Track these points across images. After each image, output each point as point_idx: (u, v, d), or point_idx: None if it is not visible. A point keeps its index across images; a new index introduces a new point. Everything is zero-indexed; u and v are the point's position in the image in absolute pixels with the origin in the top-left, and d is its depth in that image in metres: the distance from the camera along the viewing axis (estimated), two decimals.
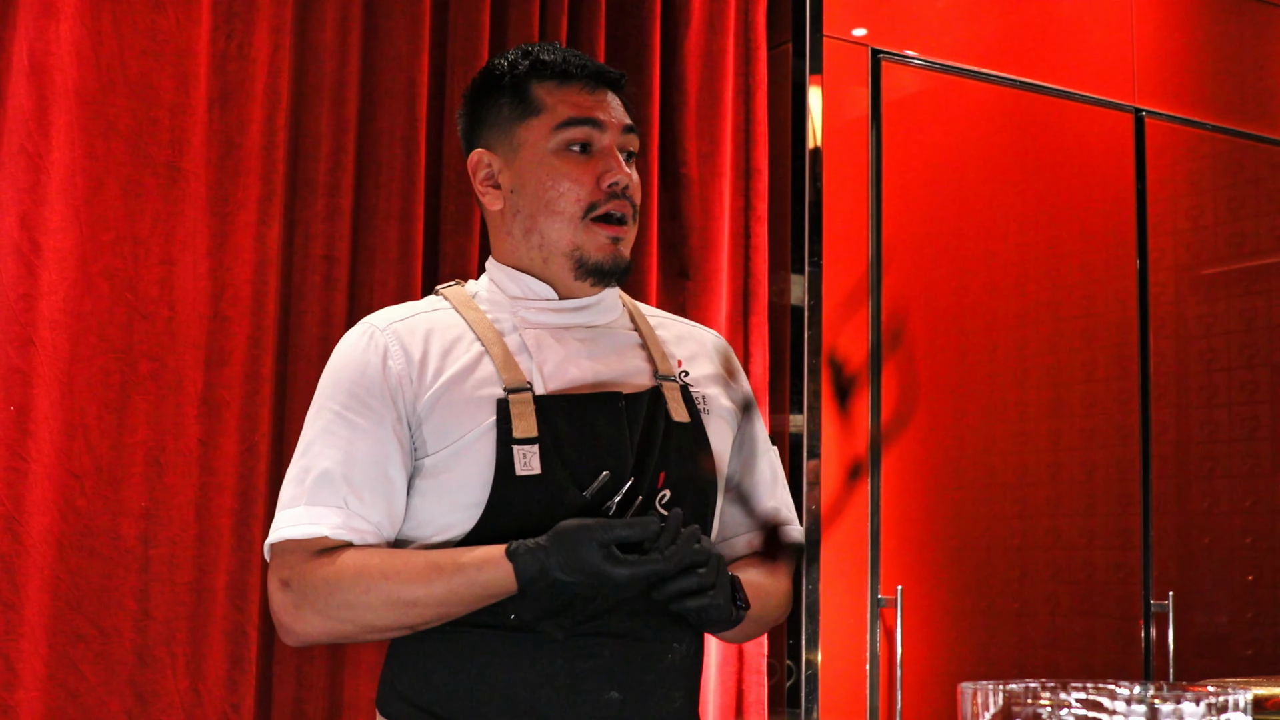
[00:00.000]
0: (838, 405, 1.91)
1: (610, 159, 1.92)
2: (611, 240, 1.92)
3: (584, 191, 1.91)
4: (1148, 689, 1.12)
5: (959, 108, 3.79)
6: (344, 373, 1.88)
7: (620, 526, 1.69)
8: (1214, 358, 4.11)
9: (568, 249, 1.92)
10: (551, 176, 1.91)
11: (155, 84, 2.85)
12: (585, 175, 1.91)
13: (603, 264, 1.92)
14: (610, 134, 1.94)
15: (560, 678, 1.79)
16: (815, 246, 3.46)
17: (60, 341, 2.72)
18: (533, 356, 1.89)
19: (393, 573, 1.75)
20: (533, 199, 1.93)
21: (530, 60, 1.96)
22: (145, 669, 2.74)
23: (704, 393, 2.00)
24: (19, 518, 2.64)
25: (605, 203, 1.91)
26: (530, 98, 1.94)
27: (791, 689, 3.36)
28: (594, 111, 1.93)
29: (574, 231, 1.91)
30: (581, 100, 1.93)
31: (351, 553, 1.78)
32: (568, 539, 1.69)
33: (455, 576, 1.74)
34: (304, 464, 1.84)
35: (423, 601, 1.74)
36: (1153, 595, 3.86)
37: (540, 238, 1.93)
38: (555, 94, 1.94)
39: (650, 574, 1.68)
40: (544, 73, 1.95)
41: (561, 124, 1.92)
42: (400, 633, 1.80)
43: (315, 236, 3.00)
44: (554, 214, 1.91)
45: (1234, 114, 4.23)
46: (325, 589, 1.76)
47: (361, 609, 1.76)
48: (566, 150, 1.92)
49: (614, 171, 1.91)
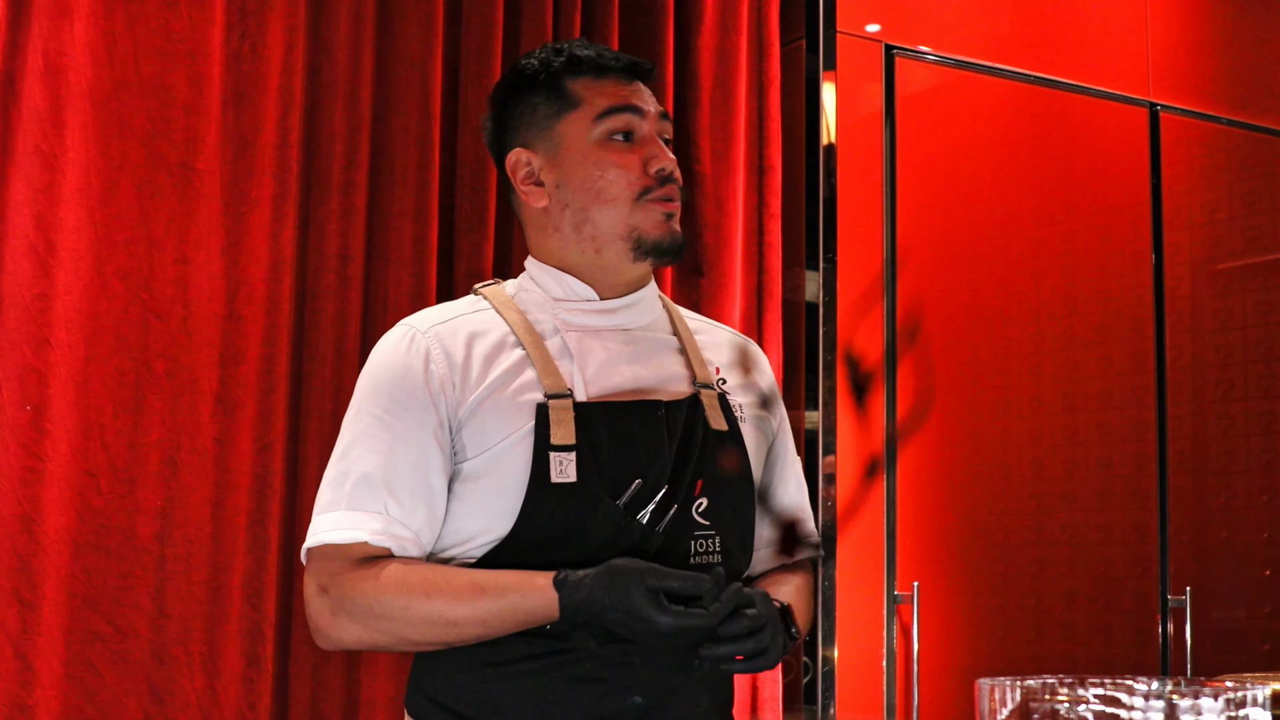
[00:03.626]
0: (854, 402, 1.91)
1: (654, 145, 1.93)
2: (666, 216, 1.92)
3: (634, 176, 1.90)
4: (1166, 684, 1.12)
5: (973, 103, 3.78)
6: (385, 375, 1.86)
7: (672, 576, 1.67)
8: (1230, 352, 4.10)
9: (624, 232, 1.91)
10: (599, 166, 1.91)
11: (169, 84, 2.85)
12: (632, 161, 1.91)
13: (661, 241, 1.92)
14: (650, 122, 1.95)
15: (588, 682, 1.78)
16: (829, 243, 3.46)
17: (75, 341, 2.72)
18: (574, 360, 1.87)
19: (435, 591, 1.74)
20: (582, 190, 1.92)
21: (564, 56, 1.96)
22: (162, 668, 2.74)
23: (740, 401, 1.99)
24: (36, 517, 2.65)
25: (657, 188, 1.91)
26: (567, 92, 1.94)
27: (808, 685, 3.36)
28: (632, 99, 1.94)
29: (629, 214, 1.91)
30: (619, 90, 1.94)
31: (394, 566, 1.76)
32: (617, 578, 1.67)
33: (498, 600, 1.72)
34: (343, 467, 1.82)
35: (464, 622, 1.73)
36: (1170, 590, 3.85)
37: (594, 228, 1.92)
38: (592, 87, 1.94)
39: (694, 627, 1.66)
40: (579, 68, 1.95)
41: (602, 114, 1.92)
42: (436, 647, 1.79)
43: (330, 235, 3.00)
44: (606, 202, 1.91)
45: (1249, 108, 4.21)
46: (365, 601, 1.75)
47: (401, 624, 1.74)
48: (610, 139, 1.92)
49: (659, 158, 1.92)
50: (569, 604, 1.69)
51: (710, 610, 1.66)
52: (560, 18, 3.32)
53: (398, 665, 2.90)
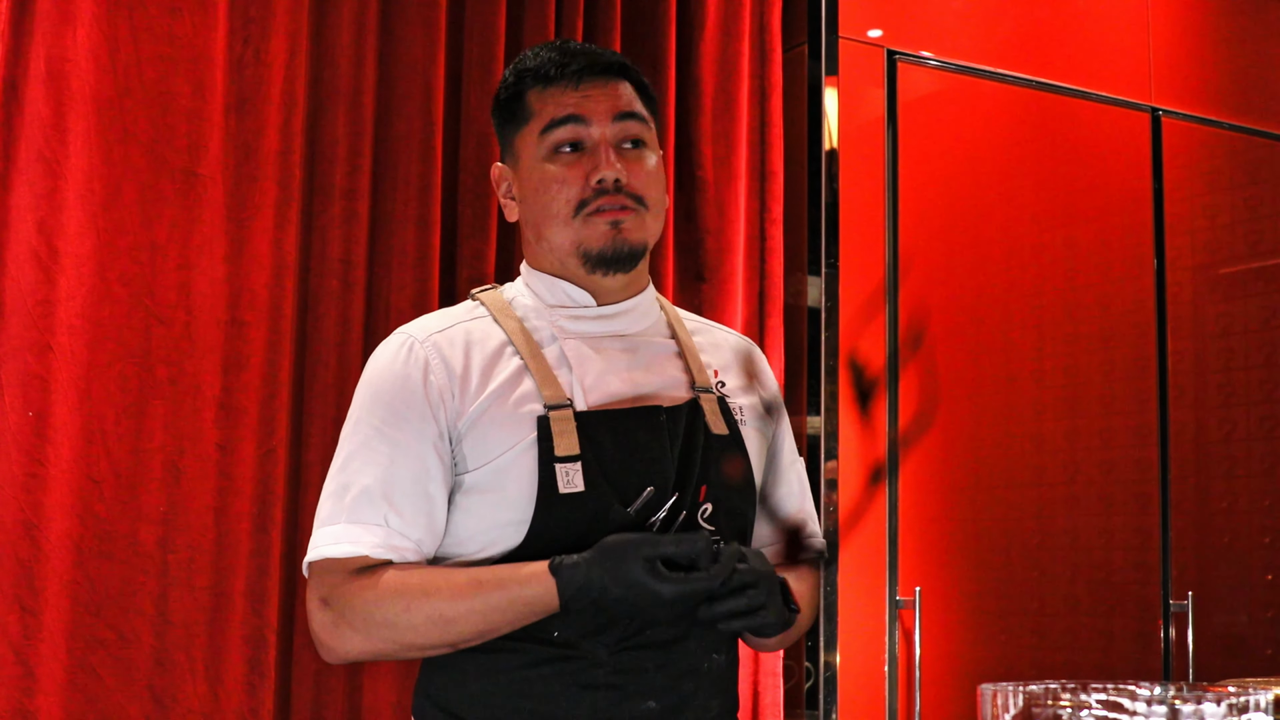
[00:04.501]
0: (859, 409, 1.91)
1: (599, 153, 1.88)
2: (611, 225, 1.87)
3: (573, 191, 1.87)
4: (1168, 690, 1.12)
5: (975, 108, 3.78)
6: (383, 386, 1.85)
7: (666, 543, 1.67)
8: (1232, 357, 4.10)
9: (571, 248, 1.88)
10: (543, 182, 1.88)
11: (172, 90, 2.85)
12: (575, 175, 1.87)
13: (605, 251, 1.88)
14: (598, 126, 1.89)
15: (601, 689, 1.78)
16: (832, 248, 3.46)
17: (78, 348, 2.72)
18: (573, 369, 1.86)
19: (433, 589, 1.73)
20: (534, 207, 1.91)
21: (520, 69, 1.94)
22: (164, 674, 2.74)
23: (739, 403, 1.98)
24: (38, 523, 2.65)
25: (594, 199, 1.86)
26: (522, 105, 1.92)
27: (810, 690, 3.35)
28: (578, 108, 1.89)
29: (572, 229, 1.88)
30: (565, 99, 1.90)
31: (392, 571, 1.76)
32: (612, 554, 1.67)
33: (497, 592, 1.72)
34: (343, 480, 1.82)
35: (464, 617, 1.72)
36: (1172, 595, 3.85)
37: (549, 244, 1.91)
38: (542, 97, 1.91)
39: (695, 592, 1.66)
40: (530, 78, 1.92)
41: (546, 127, 1.89)
42: (441, 651, 1.78)
43: (332, 241, 3.00)
44: (550, 218, 1.88)
45: (1251, 113, 4.21)
46: (365, 608, 1.74)
47: (402, 628, 1.74)
48: (557, 153, 1.89)
49: (600, 168, 1.86)
50: (568, 588, 1.69)
51: (710, 572, 1.66)
52: (562, 24, 3.32)
53: (401, 671, 2.90)
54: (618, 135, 1.91)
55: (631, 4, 3.46)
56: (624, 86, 1.94)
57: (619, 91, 1.93)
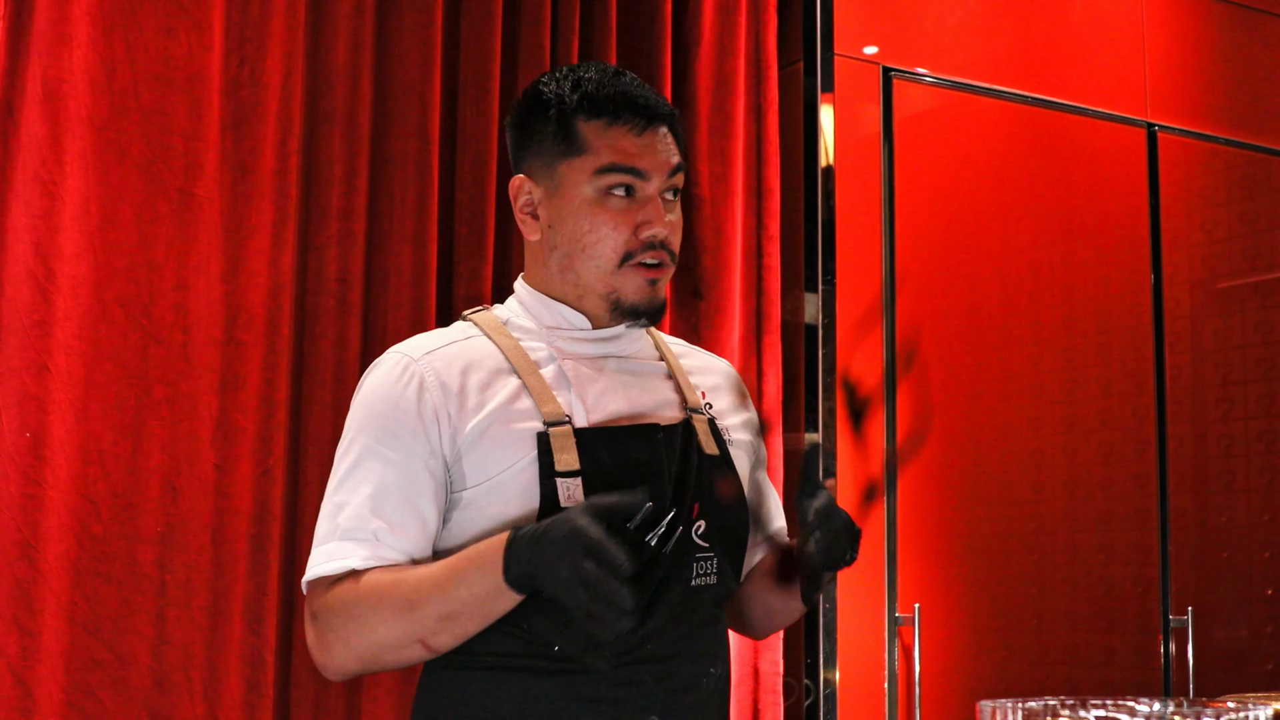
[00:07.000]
0: (852, 428, 1.92)
1: (651, 209, 1.87)
2: (649, 283, 1.89)
3: (621, 240, 1.86)
4: (1168, 705, 1.12)
5: (971, 125, 3.78)
6: (378, 405, 1.85)
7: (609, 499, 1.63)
8: (1230, 371, 4.10)
9: (604, 291, 1.89)
10: (590, 221, 1.87)
11: (168, 110, 2.86)
12: (624, 222, 1.87)
13: (639, 306, 1.90)
14: (655, 180, 1.89)
15: (603, 703, 1.78)
16: (828, 265, 3.46)
17: (75, 368, 2.72)
18: (573, 388, 1.87)
19: (400, 580, 1.73)
20: (569, 239, 1.89)
21: (579, 94, 1.89)
22: (162, 694, 2.74)
23: (726, 424, 2.00)
24: (35, 544, 2.65)
25: (641, 253, 1.87)
26: (575, 135, 1.88)
27: (810, 708, 3.35)
28: (638, 160, 1.87)
29: (610, 276, 1.88)
30: (628, 145, 1.87)
31: (373, 573, 1.76)
32: (550, 555, 1.61)
33: (451, 568, 1.71)
34: (337, 501, 1.82)
35: (426, 600, 1.70)
36: (1171, 610, 3.84)
37: (576, 277, 1.90)
38: (601, 136, 1.87)
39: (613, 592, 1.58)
40: (590, 110, 1.88)
41: (604, 169, 1.86)
42: (414, 650, 1.75)
43: (329, 260, 3.00)
44: (590, 259, 1.88)
45: (1247, 127, 4.22)
46: (343, 611, 1.75)
47: (374, 623, 1.72)
48: (608, 194, 1.87)
49: (652, 224, 1.86)
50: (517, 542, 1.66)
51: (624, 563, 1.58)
52: (558, 43, 3.32)
53: (400, 690, 2.90)
54: (670, 187, 1.91)
55: (627, 22, 3.46)
56: (672, 134, 1.93)
57: (670, 143, 1.92)
